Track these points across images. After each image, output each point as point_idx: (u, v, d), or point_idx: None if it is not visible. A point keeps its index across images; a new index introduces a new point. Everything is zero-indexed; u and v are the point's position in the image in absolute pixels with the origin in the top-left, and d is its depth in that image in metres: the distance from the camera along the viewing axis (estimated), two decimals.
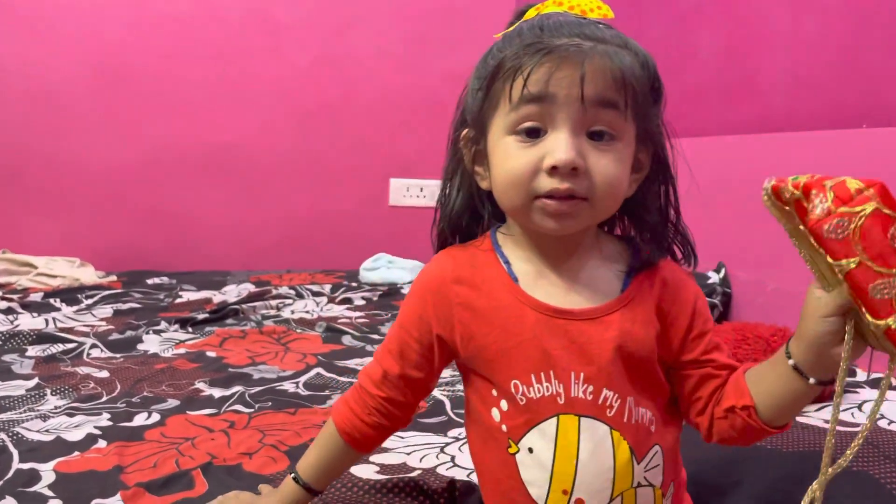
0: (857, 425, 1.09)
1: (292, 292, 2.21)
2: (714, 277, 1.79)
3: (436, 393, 1.32)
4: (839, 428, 1.09)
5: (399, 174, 2.87)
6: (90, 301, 2.07)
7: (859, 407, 1.17)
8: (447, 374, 1.46)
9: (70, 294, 2.11)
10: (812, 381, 0.62)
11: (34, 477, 0.96)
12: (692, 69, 2.02)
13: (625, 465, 0.66)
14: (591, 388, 0.66)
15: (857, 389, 1.26)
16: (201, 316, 1.88)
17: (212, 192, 2.70)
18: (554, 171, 0.62)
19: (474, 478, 0.94)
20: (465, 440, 1.08)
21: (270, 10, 2.70)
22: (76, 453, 1.04)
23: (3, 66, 2.46)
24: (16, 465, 0.99)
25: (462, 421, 1.18)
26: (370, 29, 2.79)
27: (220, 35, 2.66)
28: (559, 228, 0.65)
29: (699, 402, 0.70)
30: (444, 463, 1.00)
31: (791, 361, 0.62)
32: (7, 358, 1.50)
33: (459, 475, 0.95)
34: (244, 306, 2.00)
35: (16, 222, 2.50)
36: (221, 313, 1.93)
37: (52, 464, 1.00)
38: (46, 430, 1.12)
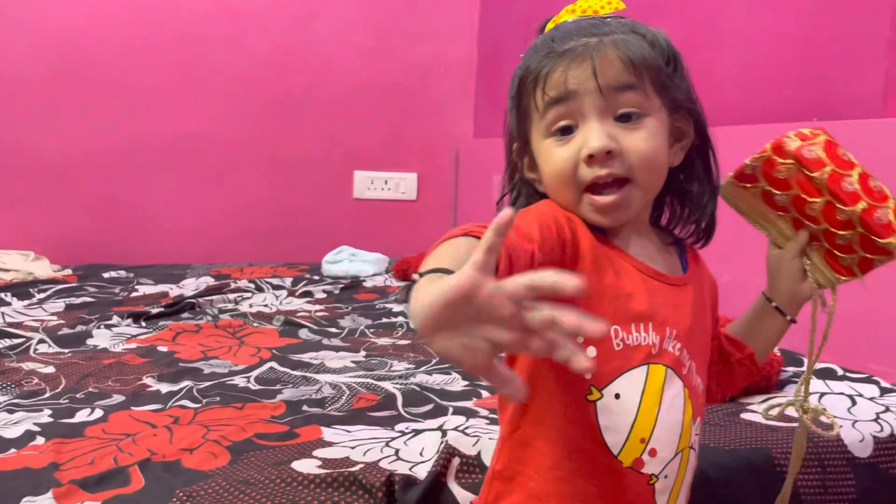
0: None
1: (252, 286, 2.19)
2: None
3: (388, 385, 1.31)
4: (782, 424, 1.10)
5: (363, 166, 2.85)
6: (42, 295, 2.03)
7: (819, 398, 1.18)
8: (401, 367, 1.45)
9: (22, 288, 2.07)
10: (788, 317, 0.81)
11: None
12: None
13: (689, 424, 0.72)
14: (678, 345, 0.71)
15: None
16: (156, 310, 1.85)
17: (171, 184, 2.66)
18: (591, 159, 0.68)
19: (418, 470, 0.94)
20: (411, 434, 1.08)
21: None
22: (12, 450, 1.01)
23: None
24: None
25: (408, 415, 1.17)
26: (334, 18, 2.76)
27: (179, 22, 2.62)
28: (612, 221, 0.70)
29: (713, 368, 0.82)
30: (388, 457, 0.99)
31: (773, 304, 0.81)
32: None
33: (402, 469, 0.94)
34: (201, 300, 1.98)
35: None
36: (177, 307, 1.91)
37: None
38: None
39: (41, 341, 1.58)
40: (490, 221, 0.44)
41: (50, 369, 1.40)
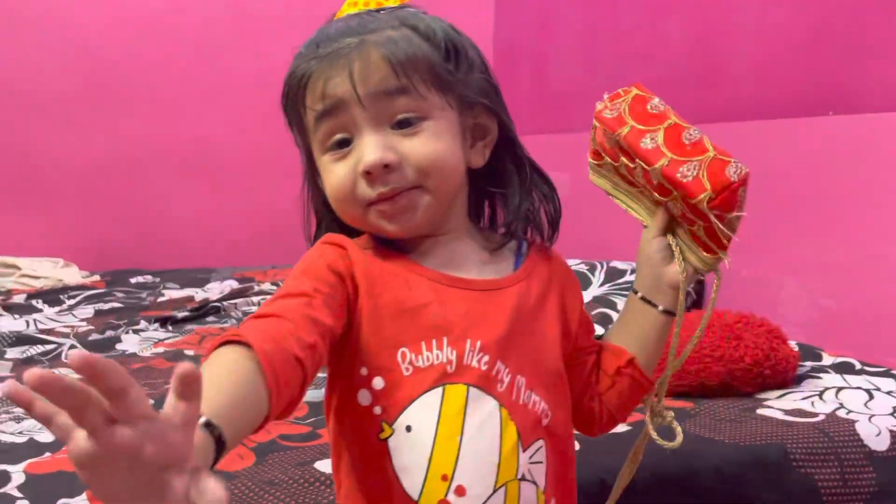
0: (816, 415, 1.10)
1: (275, 288, 2.22)
2: None
3: None
4: (798, 419, 1.11)
5: None
6: (72, 301, 2.08)
7: (821, 395, 1.19)
8: None
9: (53, 295, 2.12)
10: (660, 307, 0.70)
11: (4, 478, 0.97)
12: (663, 58, 2.03)
13: (511, 451, 0.60)
14: (486, 358, 0.61)
15: (820, 374, 1.28)
16: (181, 314, 1.90)
17: (195, 189, 2.71)
18: (369, 176, 0.61)
19: None
20: None
21: (247, 5, 2.70)
22: (47, 454, 1.05)
23: None
24: None
25: None
26: None
27: (197, 31, 2.66)
28: (401, 229, 0.64)
29: (590, 386, 0.73)
30: None
31: (638, 294, 0.71)
32: None
33: None
34: (226, 304, 2.02)
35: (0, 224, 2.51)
36: (203, 311, 1.95)
37: (22, 465, 1.01)
38: (20, 432, 1.14)
39: (72, 346, 1.63)
40: None
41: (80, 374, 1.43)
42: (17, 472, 0.99)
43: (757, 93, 1.76)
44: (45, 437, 1.12)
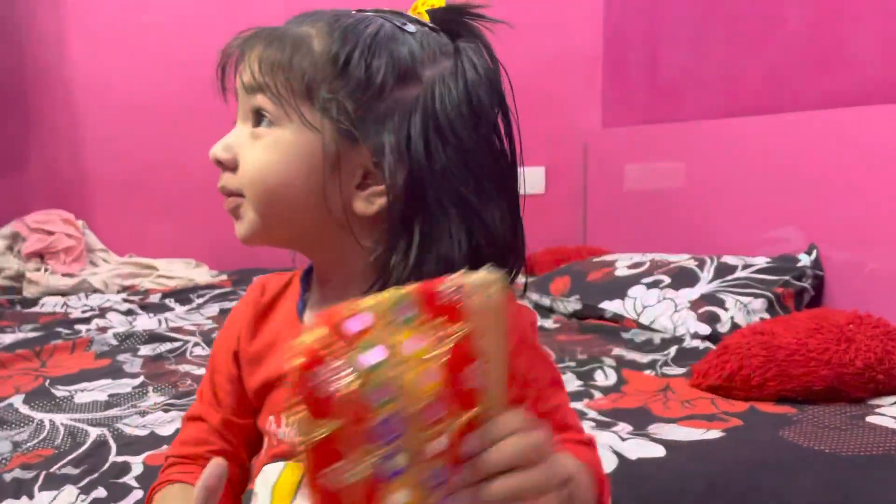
0: None
1: None
2: (805, 260, 1.70)
3: None
4: None
5: None
6: (201, 300, 2.24)
7: None
8: None
9: (184, 294, 2.29)
10: None
11: (125, 469, 1.07)
12: (777, 40, 1.91)
13: None
14: None
15: None
16: None
17: None
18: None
19: None
20: None
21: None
22: (164, 447, 1.15)
23: (121, 81, 2.67)
24: (112, 458, 1.11)
25: None
26: None
27: None
28: (238, 235, 0.60)
29: None
30: None
31: None
32: (121, 357, 1.66)
33: None
34: None
35: (138, 227, 2.73)
36: None
37: (142, 457, 1.11)
38: (143, 426, 1.25)
39: (196, 344, 1.76)
40: (618, 213, 0.42)
41: (202, 371, 1.55)
42: (137, 464, 1.09)
43: (884, 74, 1.63)
44: (166, 430, 1.22)
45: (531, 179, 2.94)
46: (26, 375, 1.51)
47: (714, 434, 1.03)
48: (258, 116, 0.58)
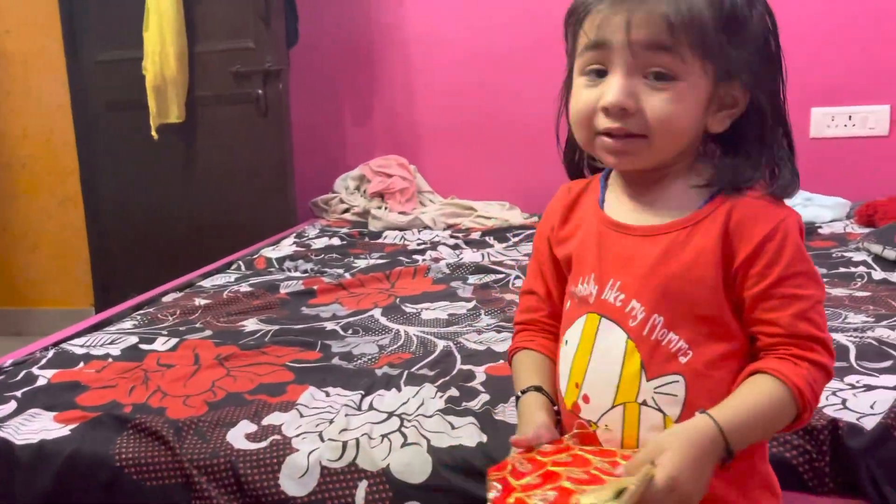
0: None
1: None
2: None
3: (840, 337, 1.27)
4: None
5: (822, 102, 2.63)
6: (516, 239, 2.39)
7: None
8: (858, 319, 1.37)
9: (500, 233, 2.46)
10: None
11: (470, 376, 1.22)
12: None
13: (631, 376, 0.70)
14: (621, 297, 0.71)
15: None
16: None
17: None
18: (606, 111, 0.69)
19: (865, 422, 0.92)
20: (862, 388, 1.04)
21: None
22: (501, 361, 1.28)
23: (451, 38, 2.88)
24: (458, 366, 1.27)
25: None
26: None
27: None
28: (618, 164, 0.72)
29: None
30: (833, 405, 0.98)
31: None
32: (454, 284, 1.85)
33: (848, 417, 0.93)
34: None
35: (458, 172, 2.97)
36: None
37: (483, 367, 1.25)
38: (480, 342, 1.40)
39: (517, 277, 1.89)
40: None
41: None
42: (480, 373, 1.23)
43: None
44: (499, 347, 1.35)
45: (873, 119, 2.62)
46: (381, 294, 1.76)
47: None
48: (656, 70, 0.67)
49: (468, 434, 1.01)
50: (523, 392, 0.78)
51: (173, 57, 2.57)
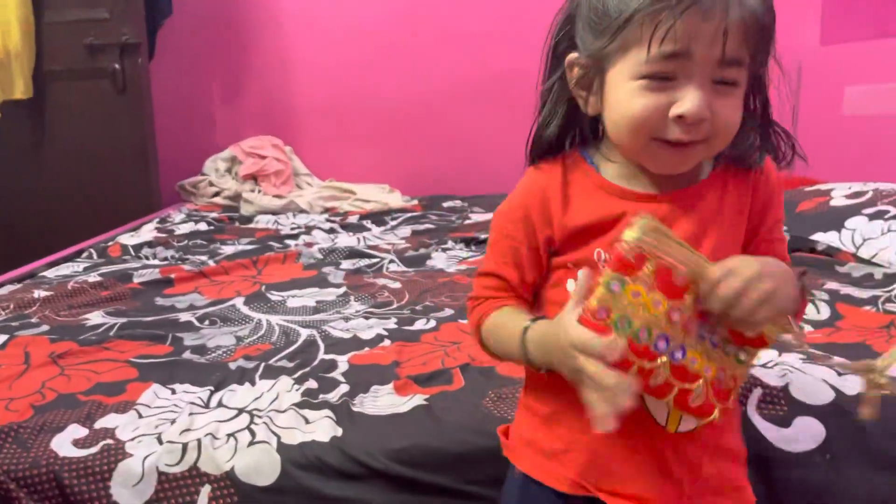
0: None
1: None
2: None
3: None
4: None
5: None
6: (395, 223, 2.34)
7: None
8: None
9: (379, 217, 2.40)
10: None
11: (333, 366, 1.16)
12: None
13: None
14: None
15: None
16: (484, 236, 2.02)
17: (501, 118, 2.82)
18: (680, 119, 0.64)
19: None
20: None
21: None
22: (366, 349, 1.22)
23: (327, 14, 2.78)
24: (321, 355, 1.21)
25: None
26: None
27: None
28: (673, 171, 0.69)
29: None
30: None
31: None
32: (326, 269, 1.78)
33: None
34: None
35: (337, 154, 2.88)
36: None
37: (347, 356, 1.19)
38: (347, 330, 1.33)
39: (391, 261, 1.84)
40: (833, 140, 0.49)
41: (397, 285, 1.63)
42: (342, 362, 1.17)
43: None
44: (365, 335, 1.29)
45: None
46: (245, 281, 1.67)
47: None
48: (725, 79, 0.65)
49: (322, 428, 0.95)
50: (525, 330, 0.70)
51: (16, 27, 2.35)
